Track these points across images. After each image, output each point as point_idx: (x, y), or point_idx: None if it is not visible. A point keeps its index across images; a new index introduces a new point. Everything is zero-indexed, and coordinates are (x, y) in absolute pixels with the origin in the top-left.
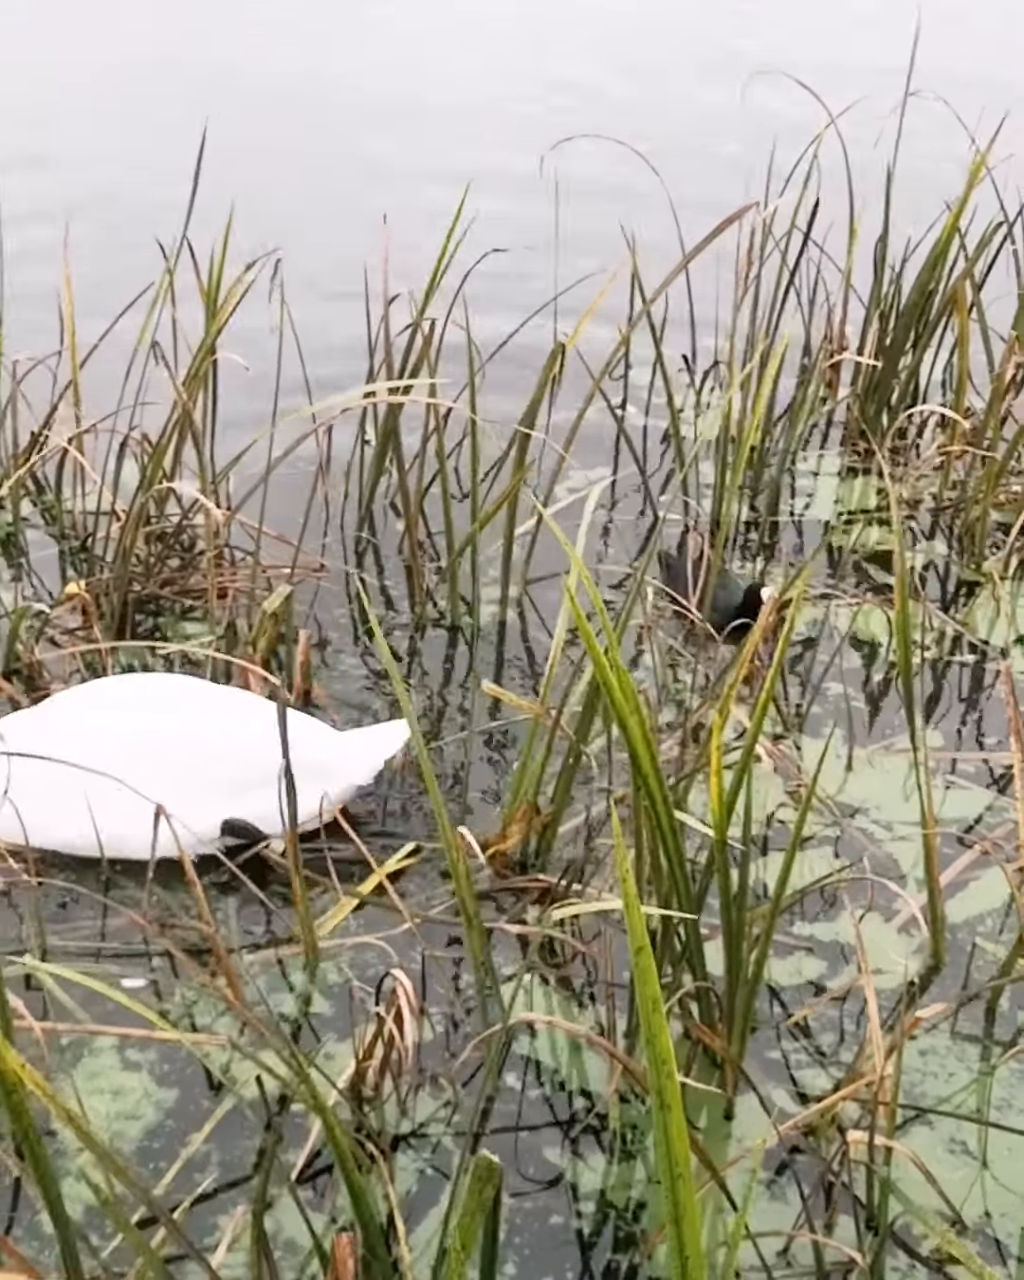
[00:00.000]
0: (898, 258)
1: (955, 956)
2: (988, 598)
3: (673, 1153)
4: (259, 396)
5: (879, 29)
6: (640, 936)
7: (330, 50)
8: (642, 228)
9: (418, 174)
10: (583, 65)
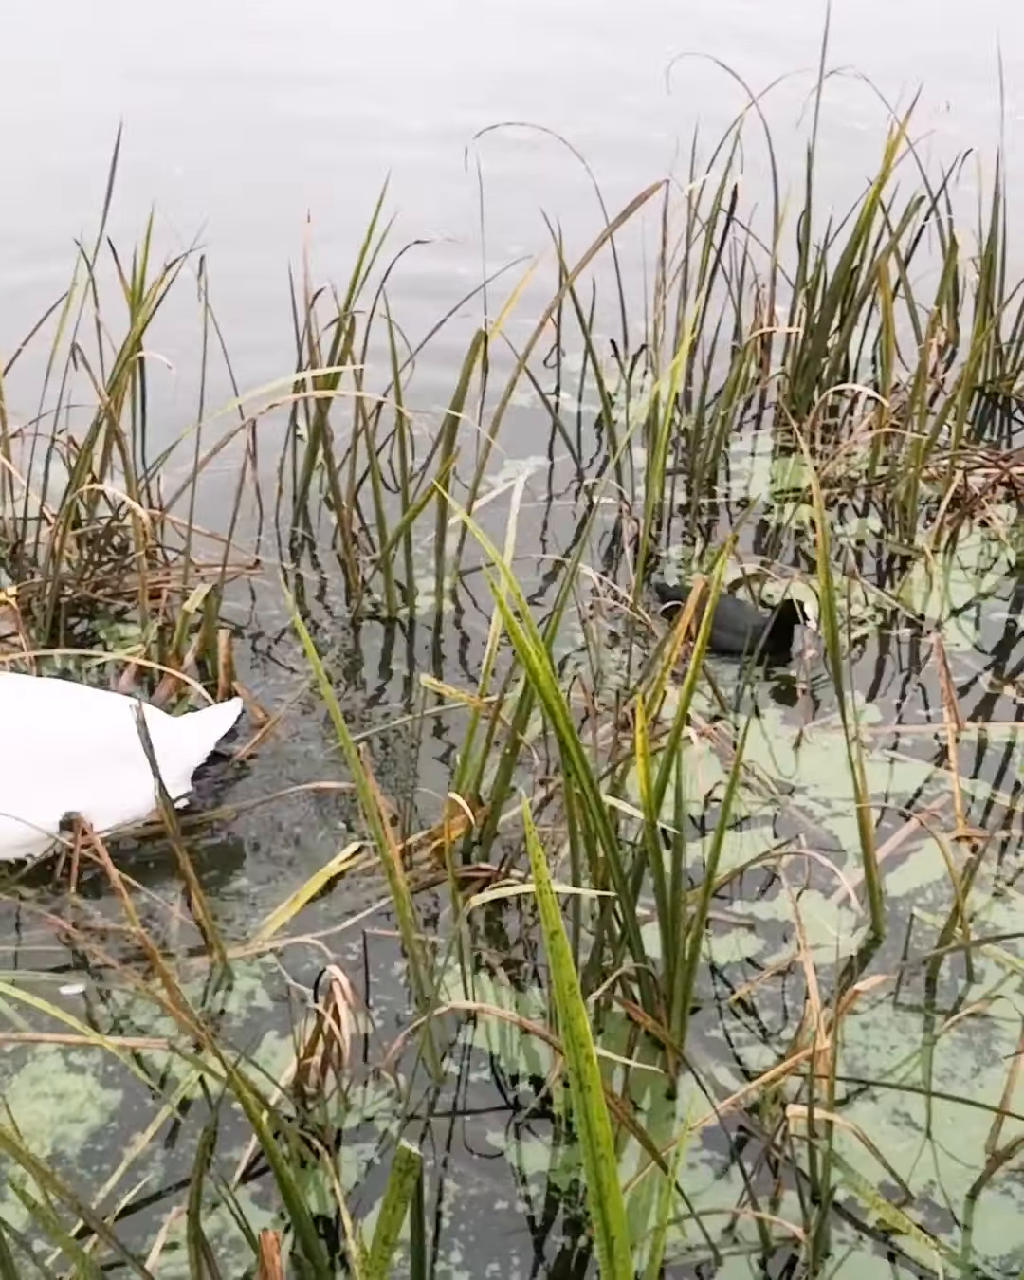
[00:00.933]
0: (822, 237)
1: (896, 929)
2: (922, 572)
3: (594, 1134)
4: (191, 396)
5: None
6: (554, 921)
7: (249, 41)
8: (569, 215)
9: (342, 165)
10: (507, 53)
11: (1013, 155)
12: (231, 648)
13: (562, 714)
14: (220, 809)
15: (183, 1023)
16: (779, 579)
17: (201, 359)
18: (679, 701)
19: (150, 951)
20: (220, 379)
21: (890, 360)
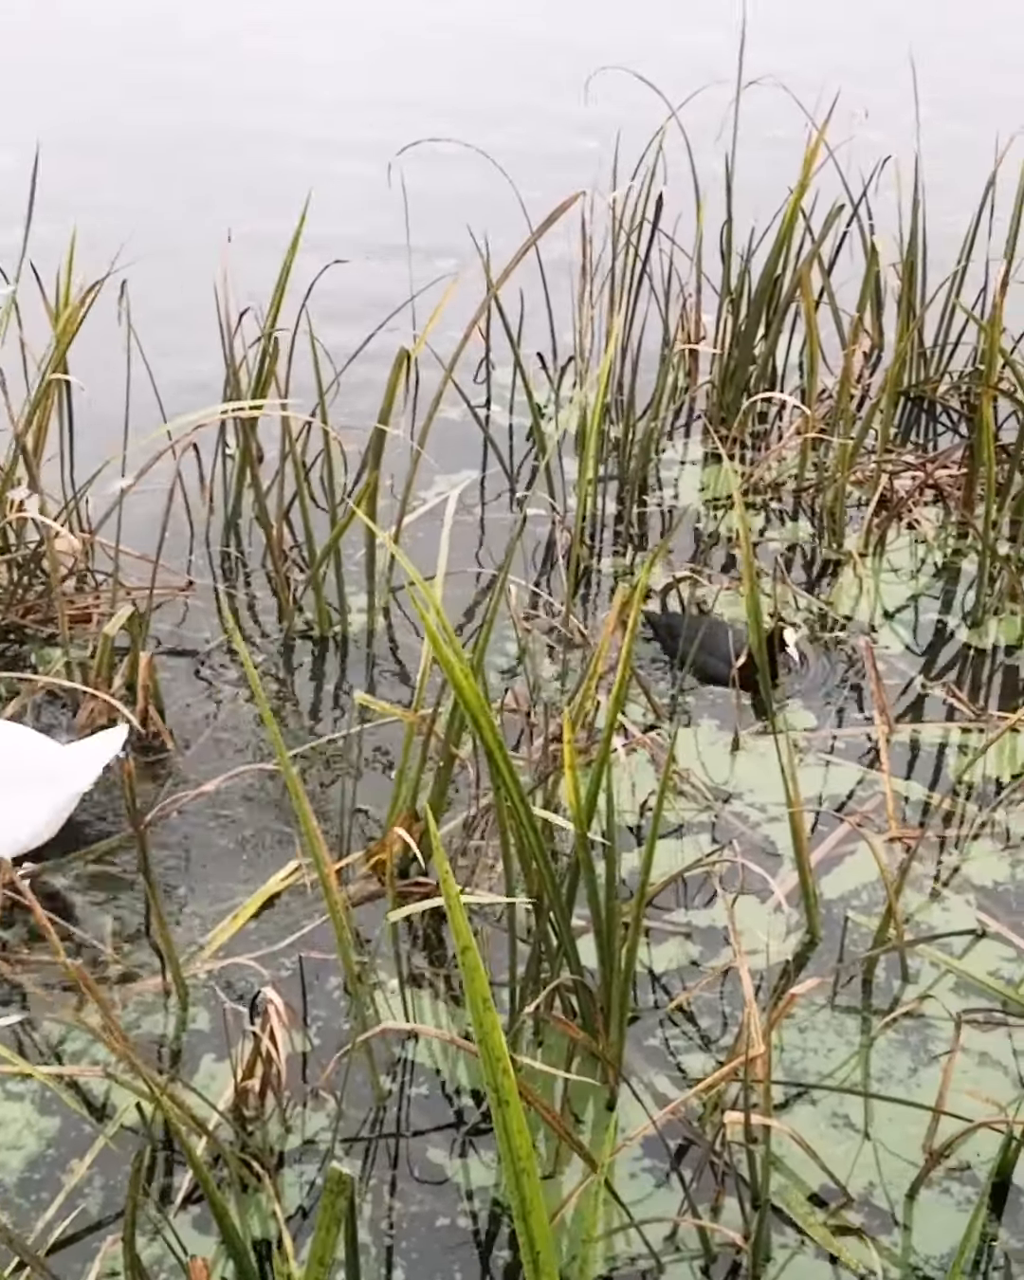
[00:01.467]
0: (745, 245)
1: (832, 931)
2: (852, 575)
3: (514, 1148)
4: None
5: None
6: (464, 935)
7: (169, 60)
8: (497, 228)
9: (265, 183)
10: (430, 68)
11: (930, 161)
12: (152, 670)
13: (489, 728)
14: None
15: (114, 1049)
16: (711, 585)
17: (126, 380)
18: (608, 713)
19: (85, 982)
20: (149, 400)
21: (815, 366)
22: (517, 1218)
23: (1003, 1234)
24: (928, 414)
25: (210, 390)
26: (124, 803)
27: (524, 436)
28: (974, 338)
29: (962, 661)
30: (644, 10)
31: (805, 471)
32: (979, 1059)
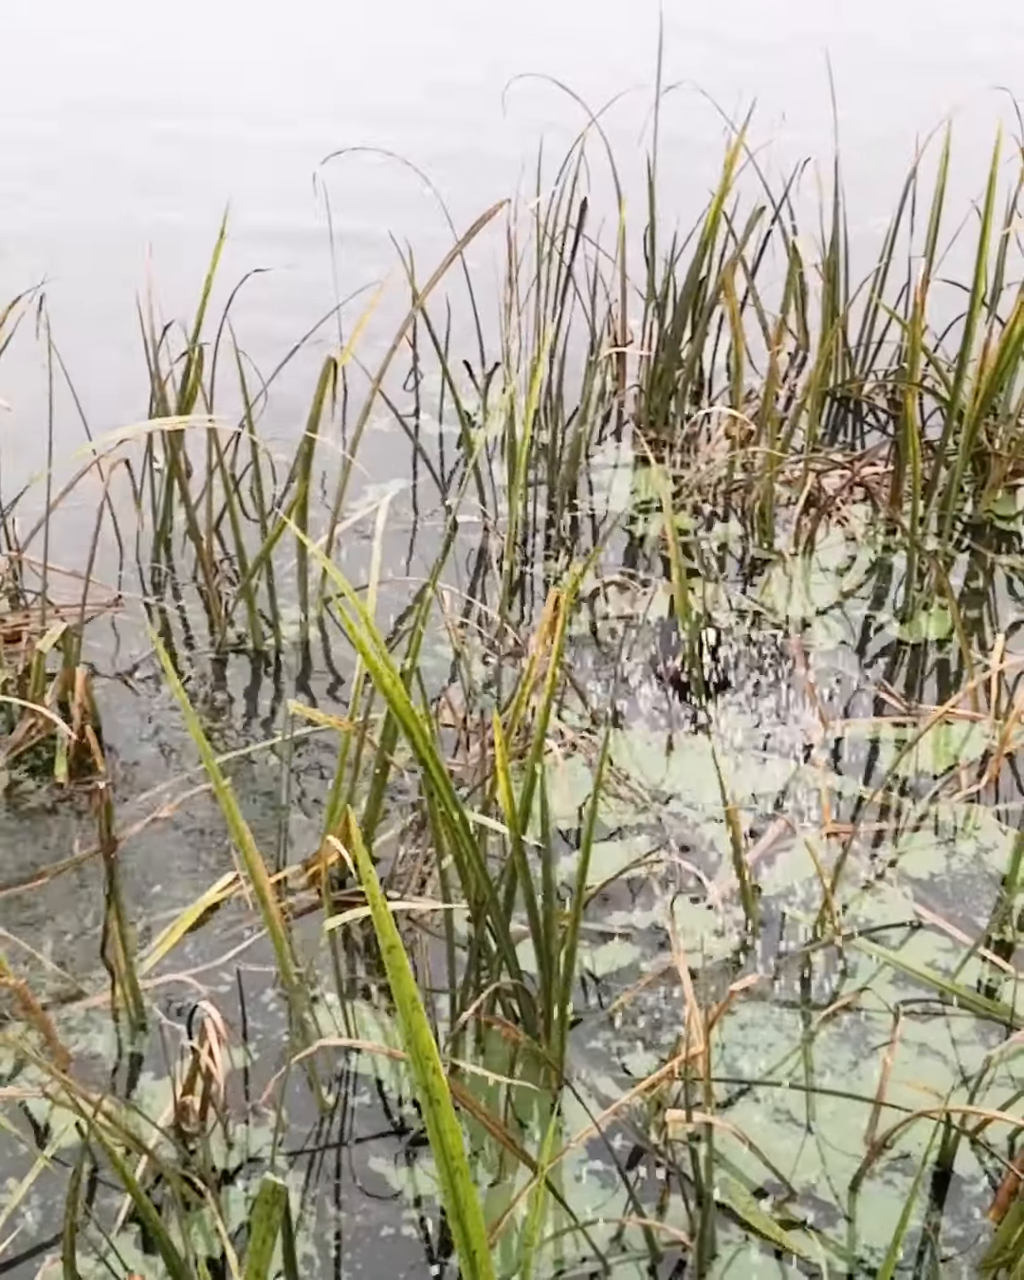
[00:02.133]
0: (669, 250)
1: (771, 928)
2: (783, 574)
3: (447, 1148)
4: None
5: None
6: (390, 935)
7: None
8: (423, 236)
9: (186, 192)
10: (351, 75)
11: (850, 161)
12: (89, 688)
13: (419, 734)
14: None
15: (49, 1070)
16: (643, 590)
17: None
18: (539, 716)
19: (26, 1000)
20: (71, 416)
21: (741, 368)
22: (451, 1218)
23: (945, 1222)
24: (854, 413)
25: (136, 405)
26: (98, 827)
27: (454, 444)
28: (897, 336)
29: (893, 657)
30: (561, 17)
31: (734, 473)
32: (918, 1050)
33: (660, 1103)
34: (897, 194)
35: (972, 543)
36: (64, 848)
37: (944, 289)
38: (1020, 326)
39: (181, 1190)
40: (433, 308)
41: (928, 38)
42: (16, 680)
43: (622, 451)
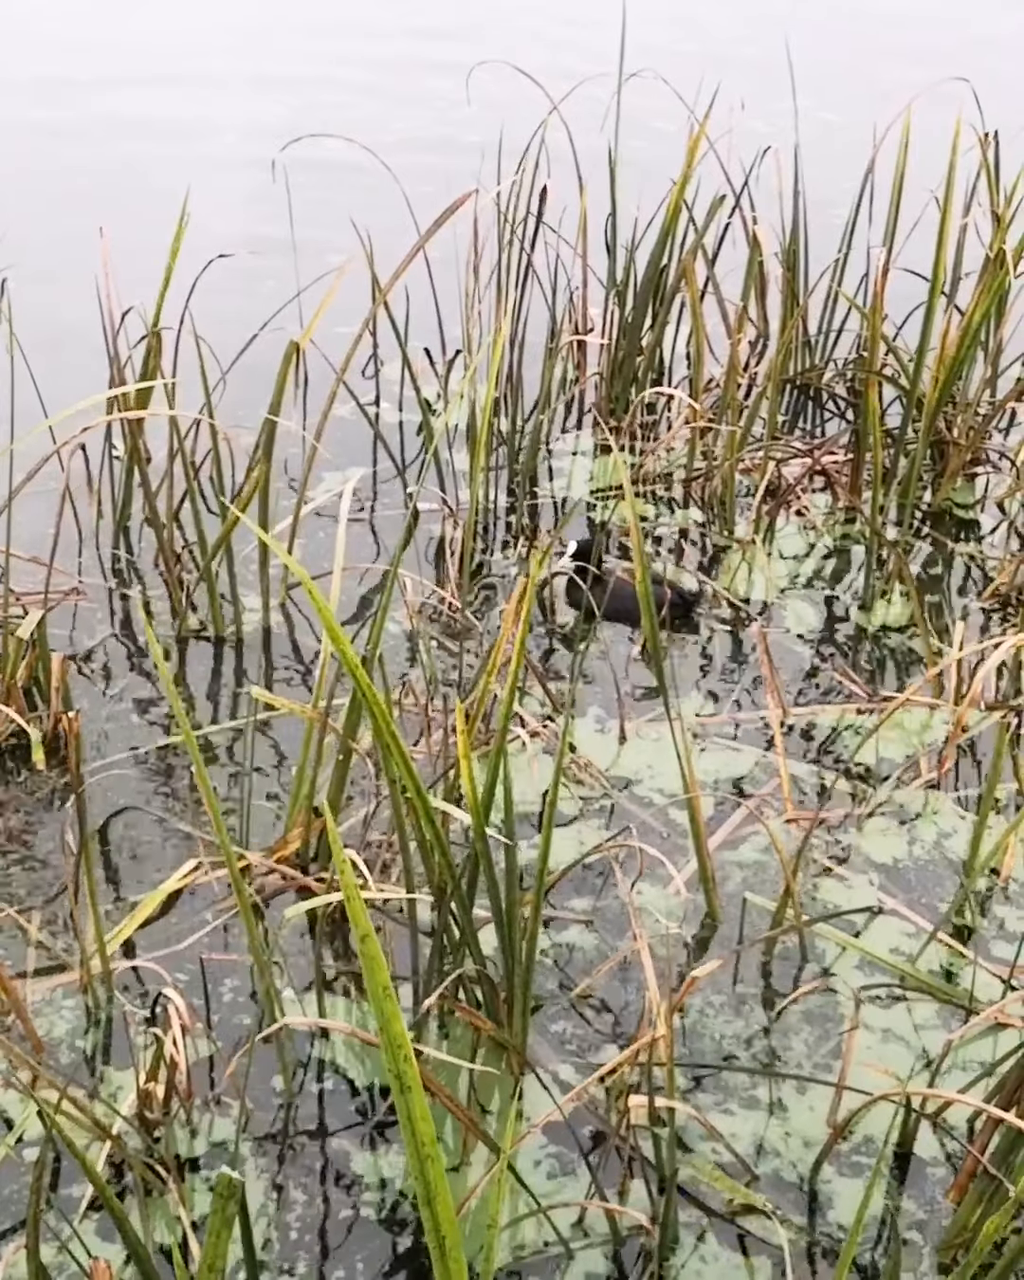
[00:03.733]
0: (630, 237)
1: (732, 913)
2: (743, 561)
3: (418, 1134)
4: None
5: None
6: (363, 924)
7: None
8: (383, 220)
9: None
10: (309, 62)
11: (809, 150)
12: (65, 672)
13: (384, 719)
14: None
15: (19, 1059)
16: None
17: (8, 383)
18: (503, 702)
19: (2, 982)
20: (31, 403)
21: (702, 357)
22: (421, 1203)
23: (906, 1204)
24: (814, 401)
25: (94, 390)
26: (74, 812)
27: (414, 432)
28: (857, 325)
29: (853, 644)
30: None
31: (694, 461)
32: (881, 1035)
33: (623, 1089)
34: (856, 183)
35: (931, 531)
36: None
37: (903, 278)
38: (979, 316)
39: (145, 1178)
40: (393, 295)
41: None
42: None
43: (581, 439)
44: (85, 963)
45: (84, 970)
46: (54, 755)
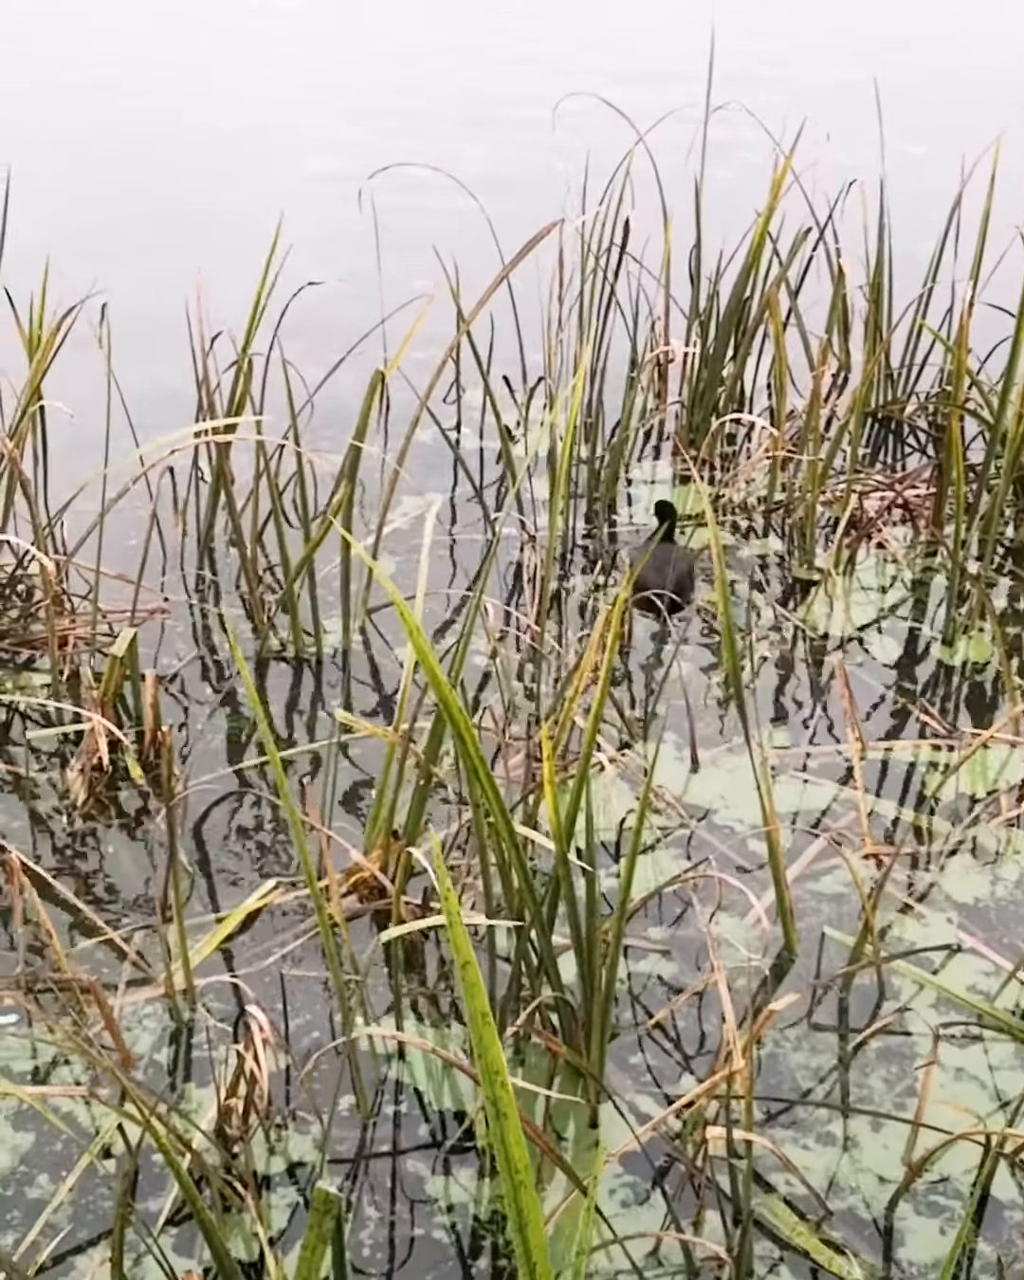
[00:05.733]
0: (714, 268)
1: (810, 947)
2: (823, 594)
3: (512, 1160)
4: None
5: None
6: (465, 951)
7: (140, 74)
8: (467, 250)
9: (237, 203)
10: (395, 91)
11: (895, 184)
12: (158, 690)
13: (471, 744)
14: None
15: (109, 1072)
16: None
17: (102, 403)
18: (587, 730)
19: (98, 997)
20: (121, 423)
21: (784, 388)
22: (514, 1229)
23: (982, 1246)
24: (895, 435)
25: (183, 413)
26: (164, 826)
27: (494, 459)
28: (941, 359)
29: (934, 679)
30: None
31: (775, 492)
32: (956, 1073)
33: (698, 1119)
34: (942, 217)
35: (1013, 566)
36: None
37: (988, 313)
38: None
39: (223, 1193)
40: (476, 322)
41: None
42: (68, 684)
43: (661, 468)
44: (169, 977)
45: (168, 984)
46: (145, 771)
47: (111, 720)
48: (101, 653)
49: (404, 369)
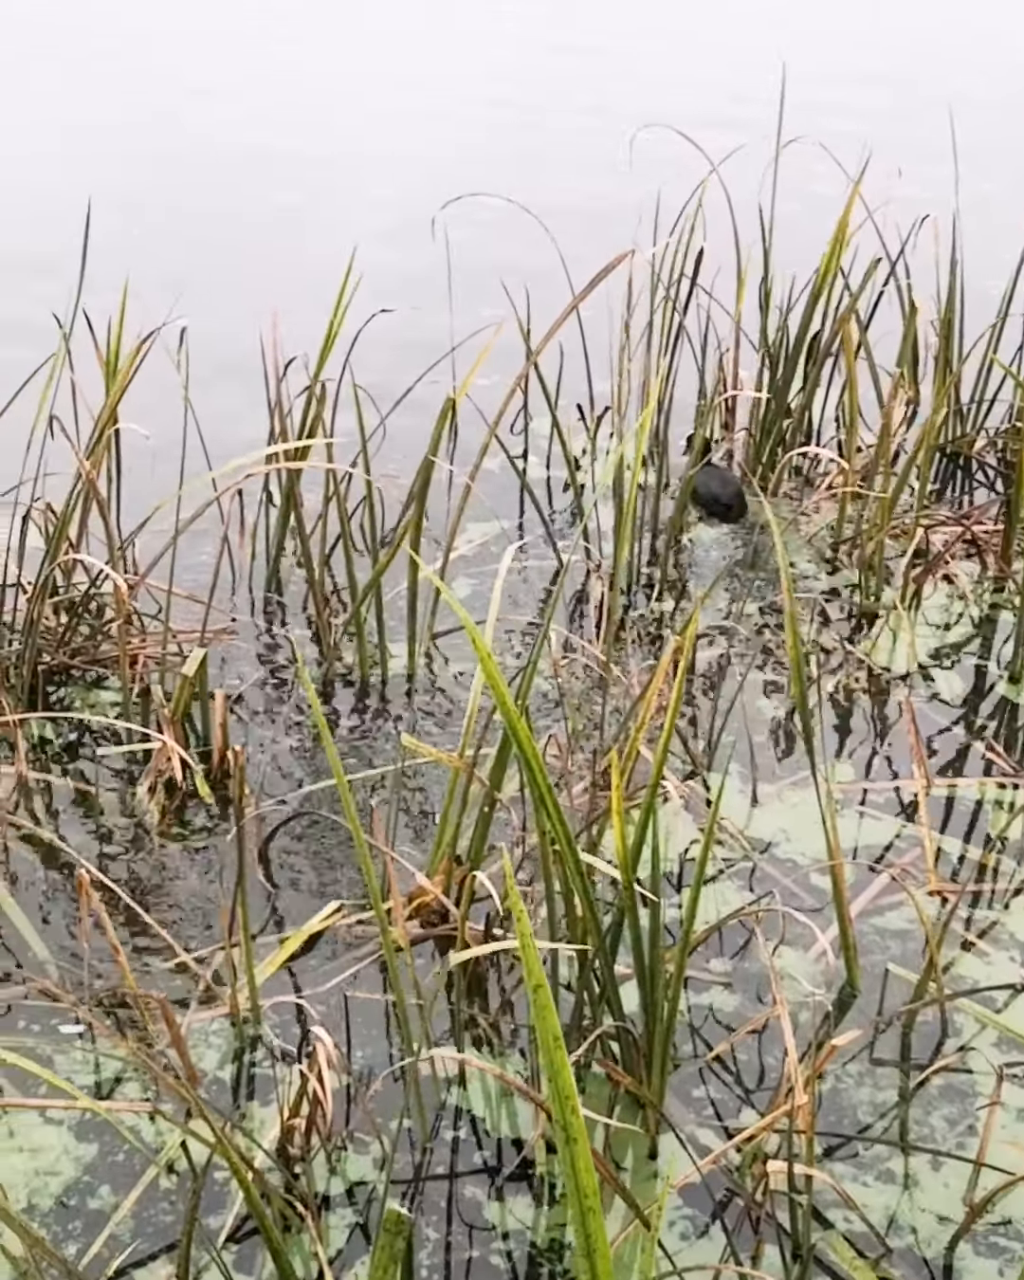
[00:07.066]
0: (784, 300)
1: (872, 983)
2: (888, 628)
3: (581, 1186)
4: (161, 464)
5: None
6: (537, 974)
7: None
8: (536, 279)
9: (310, 229)
10: (470, 118)
11: (968, 219)
12: (227, 709)
13: (539, 771)
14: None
15: (179, 1093)
16: (746, 632)
17: (169, 424)
18: (655, 761)
19: (168, 1016)
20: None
21: (855, 421)
22: (581, 1255)
23: None
24: (964, 470)
25: (254, 437)
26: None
27: (561, 487)
28: (1011, 395)
29: (999, 716)
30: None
31: (843, 524)
32: (1019, 1114)
33: (757, 1153)
34: (1015, 255)
35: None
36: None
37: None
38: None
39: (284, 1213)
40: (544, 350)
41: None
42: (138, 703)
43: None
44: (234, 996)
45: (233, 1003)
46: (214, 791)
47: (179, 739)
48: (172, 672)
49: (470, 395)
